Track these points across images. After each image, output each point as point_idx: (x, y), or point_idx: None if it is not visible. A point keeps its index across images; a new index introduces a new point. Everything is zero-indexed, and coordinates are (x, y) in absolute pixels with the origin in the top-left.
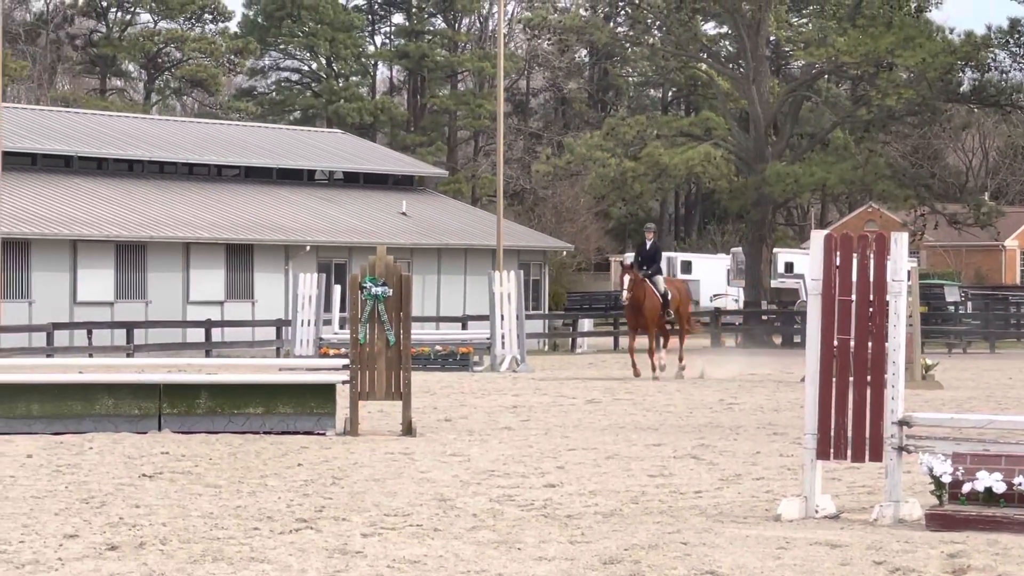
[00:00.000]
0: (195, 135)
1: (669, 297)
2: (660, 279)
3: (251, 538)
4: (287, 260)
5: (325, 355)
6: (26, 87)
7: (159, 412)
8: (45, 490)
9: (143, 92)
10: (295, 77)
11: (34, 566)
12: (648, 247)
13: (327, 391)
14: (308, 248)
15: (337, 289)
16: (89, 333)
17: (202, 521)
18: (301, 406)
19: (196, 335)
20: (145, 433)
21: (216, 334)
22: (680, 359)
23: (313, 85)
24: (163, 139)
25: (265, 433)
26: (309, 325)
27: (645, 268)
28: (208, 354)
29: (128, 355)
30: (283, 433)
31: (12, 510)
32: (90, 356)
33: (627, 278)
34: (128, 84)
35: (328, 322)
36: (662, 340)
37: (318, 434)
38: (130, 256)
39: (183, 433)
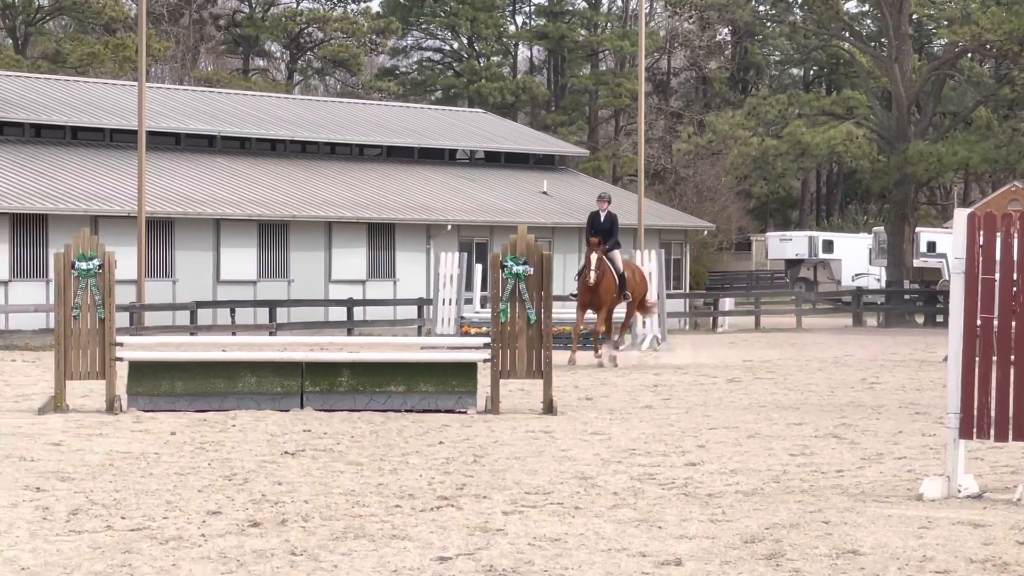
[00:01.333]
0: (337, 115)
1: (626, 277)
2: (617, 255)
3: (392, 515)
4: (428, 239)
5: (466, 334)
6: (170, 67)
7: (301, 390)
8: (188, 467)
9: (285, 72)
10: (437, 57)
11: (178, 542)
12: (603, 218)
13: (468, 369)
14: (449, 227)
15: (478, 268)
16: (232, 311)
17: (344, 498)
18: (442, 384)
19: (338, 314)
20: (287, 411)
21: (358, 313)
22: (615, 346)
23: (455, 65)
24: (305, 119)
25: (406, 411)
26: (450, 304)
27: (601, 242)
28: (350, 333)
29: (271, 333)
30: (424, 411)
31: (156, 487)
32: (233, 334)
33: (594, 256)
34: (271, 64)
35: (469, 301)
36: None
37: (459, 412)
38: (273, 235)
39: (325, 411)
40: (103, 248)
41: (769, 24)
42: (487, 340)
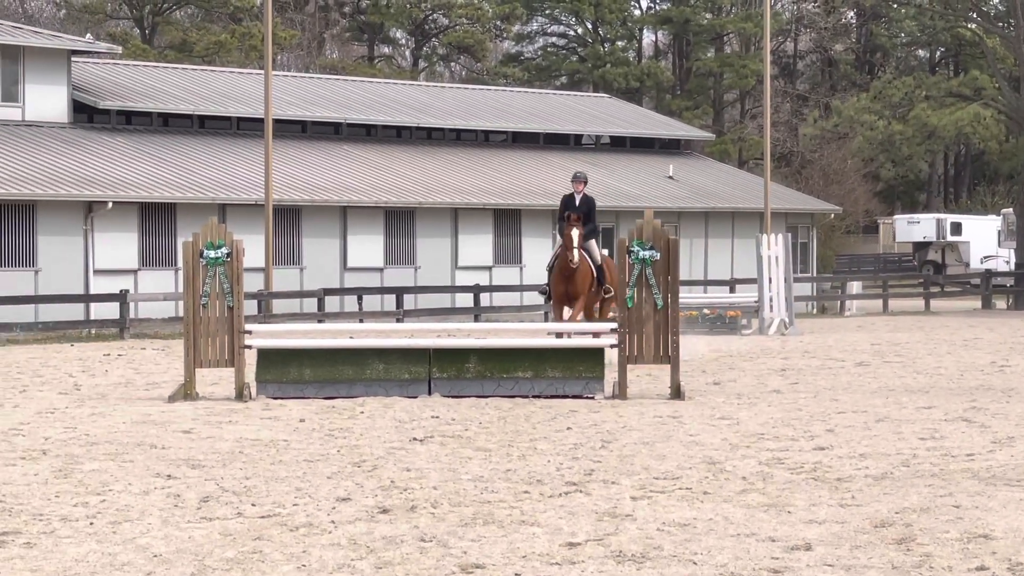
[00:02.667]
0: (462, 101)
1: (604, 271)
2: (595, 245)
3: (521, 501)
4: (554, 225)
5: (593, 319)
6: (295, 55)
7: (429, 376)
8: (318, 454)
9: (410, 59)
10: (561, 42)
11: (308, 528)
12: (578, 202)
13: (596, 355)
14: None
15: (604, 253)
16: (359, 298)
17: (472, 484)
18: (570, 370)
19: (465, 300)
20: (415, 397)
21: (484, 299)
22: None
23: (579, 50)
24: (431, 105)
25: (534, 397)
26: None
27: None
28: (477, 319)
29: (398, 320)
30: (552, 397)
31: (286, 473)
32: (360, 321)
33: (575, 231)
34: (396, 51)
35: None
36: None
37: (587, 398)
38: (399, 222)
39: (453, 397)
40: (231, 236)
41: (895, 5)
42: (614, 325)
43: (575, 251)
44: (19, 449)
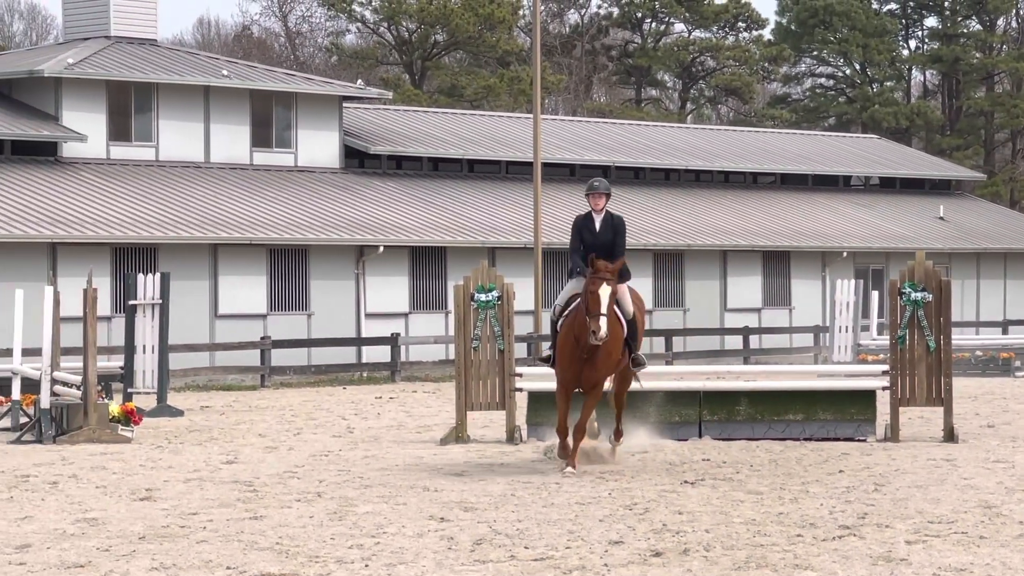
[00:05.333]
0: (730, 143)
1: (637, 325)
2: (627, 293)
3: (794, 545)
4: (824, 267)
5: (864, 361)
6: (563, 99)
7: (699, 419)
8: (589, 496)
9: (678, 101)
10: (829, 83)
11: (581, 571)
12: (599, 226)
13: (867, 397)
14: (845, 254)
15: (875, 295)
16: None
17: (745, 528)
18: (841, 412)
19: (734, 342)
20: (685, 440)
21: (753, 341)
22: (617, 431)
23: (847, 91)
24: (698, 147)
25: (805, 439)
26: (847, 331)
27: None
28: (746, 361)
29: (667, 363)
30: (823, 439)
31: (558, 516)
32: None
33: (604, 290)
34: (663, 94)
35: (866, 328)
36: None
37: (858, 440)
38: (668, 264)
39: (723, 440)
40: (502, 280)
41: None
42: (885, 367)
43: (602, 321)
44: (295, 491)
